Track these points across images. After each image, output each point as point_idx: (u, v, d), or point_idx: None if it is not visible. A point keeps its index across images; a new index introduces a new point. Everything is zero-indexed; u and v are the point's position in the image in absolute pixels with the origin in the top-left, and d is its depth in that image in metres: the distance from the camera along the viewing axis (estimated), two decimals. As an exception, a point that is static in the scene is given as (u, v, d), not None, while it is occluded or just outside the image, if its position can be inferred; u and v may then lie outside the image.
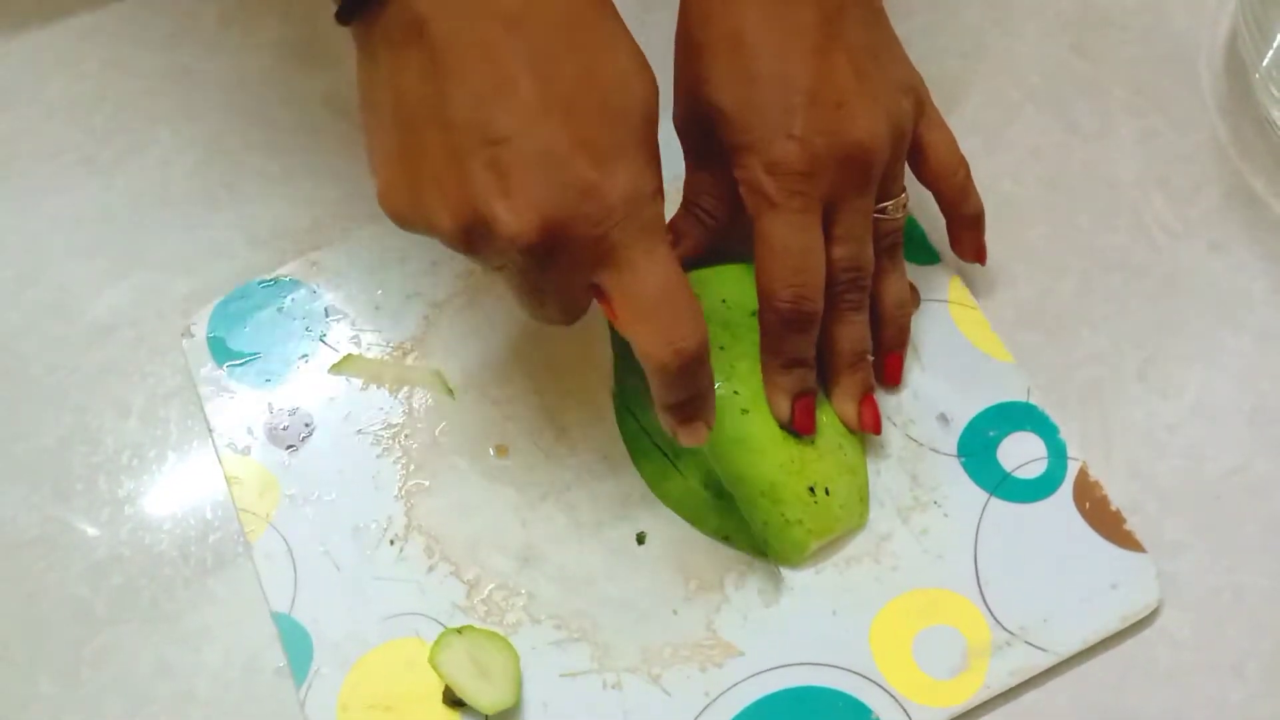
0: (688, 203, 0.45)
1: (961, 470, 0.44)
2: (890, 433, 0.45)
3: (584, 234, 0.34)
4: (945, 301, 0.47)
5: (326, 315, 0.47)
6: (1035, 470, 0.44)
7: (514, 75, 0.33)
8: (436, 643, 0.40)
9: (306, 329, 0.47)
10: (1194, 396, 0.46)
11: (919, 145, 0.44)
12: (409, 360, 0.46)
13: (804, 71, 0.41)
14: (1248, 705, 0.41)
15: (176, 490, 0.45)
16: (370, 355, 0.46)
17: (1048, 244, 0.49)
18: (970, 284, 0.48)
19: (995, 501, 0.43)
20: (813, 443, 0.43)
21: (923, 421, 0.45)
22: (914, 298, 0.47)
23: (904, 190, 0.44)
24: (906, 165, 0.45)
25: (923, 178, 0.46)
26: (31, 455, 0.46)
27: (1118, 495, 0.44)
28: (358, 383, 0.46)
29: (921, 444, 0.44)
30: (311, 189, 0.51)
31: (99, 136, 0.52)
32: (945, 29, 0.54)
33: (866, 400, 0.44)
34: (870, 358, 0.44)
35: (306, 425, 0.45)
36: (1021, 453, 0.44)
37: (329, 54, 0.54)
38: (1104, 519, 0.43)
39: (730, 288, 0.45)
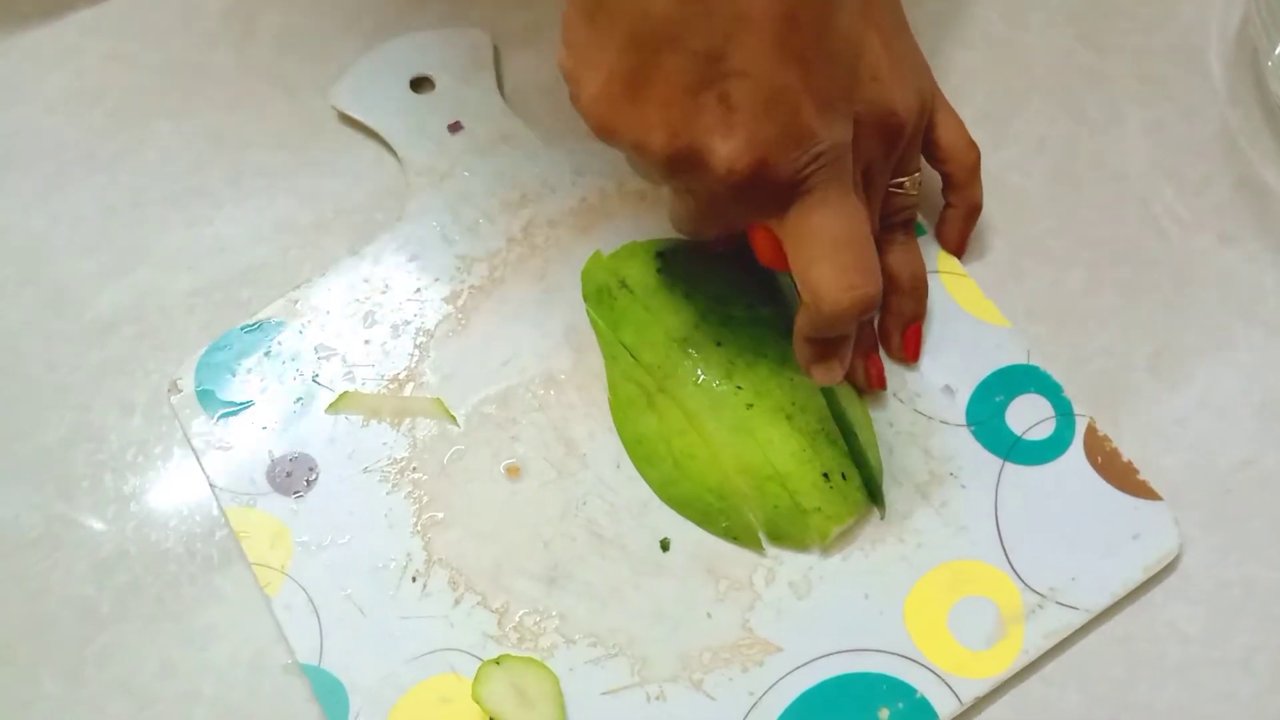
0: None
1: (973, 439, 0.44)
2: (898, 409, 0.45)
3: (789, 176, 0.35)
4: (936, 272, 0.47)
5: (316, 354, 0.46)
6: (1044, 431, 0.44)
7: (762, 12, 0.33)
8: (476, 677, 0.40)
9: (298, 371, 0.46)
10: (1204, 389, 0.46)
11: (930, 126, 0.46)
12: (407, 391, 0.45)
13: None
14: (1257, 700, 0.41)
15: (182, 487, 0.45)
16: (367, 390, 0.45)
17: (1055, 236, 0.49)
18: (978, 279, 0.48)
19: (1010, 466, 0.43)
20: (822, 430, 0.42)
21: (928, 395, 0.45)
22: None
23: (919, 170, 0.46)
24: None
25: (933, 158, 0.47)
26: (34, 453, 0.46)
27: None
28: (358, 420, 0.45)
29: (930, 417, 0.44)
30: (314, 184, 0.50)
31: (100, 132, 0.52)
32: (951, 19, 0.54)
33: (872, 358, 0.44)
34: (875, 315, 0.45)
35: (310, 469, 0.44)
36: (1029, 415, 0.44)
37: (331, 47, 0.53)
38: (1117, 471, 0.43)
39: (723, 284, 0.45)
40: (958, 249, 0.48)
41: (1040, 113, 0.52)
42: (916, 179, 0.45)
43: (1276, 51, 0.50)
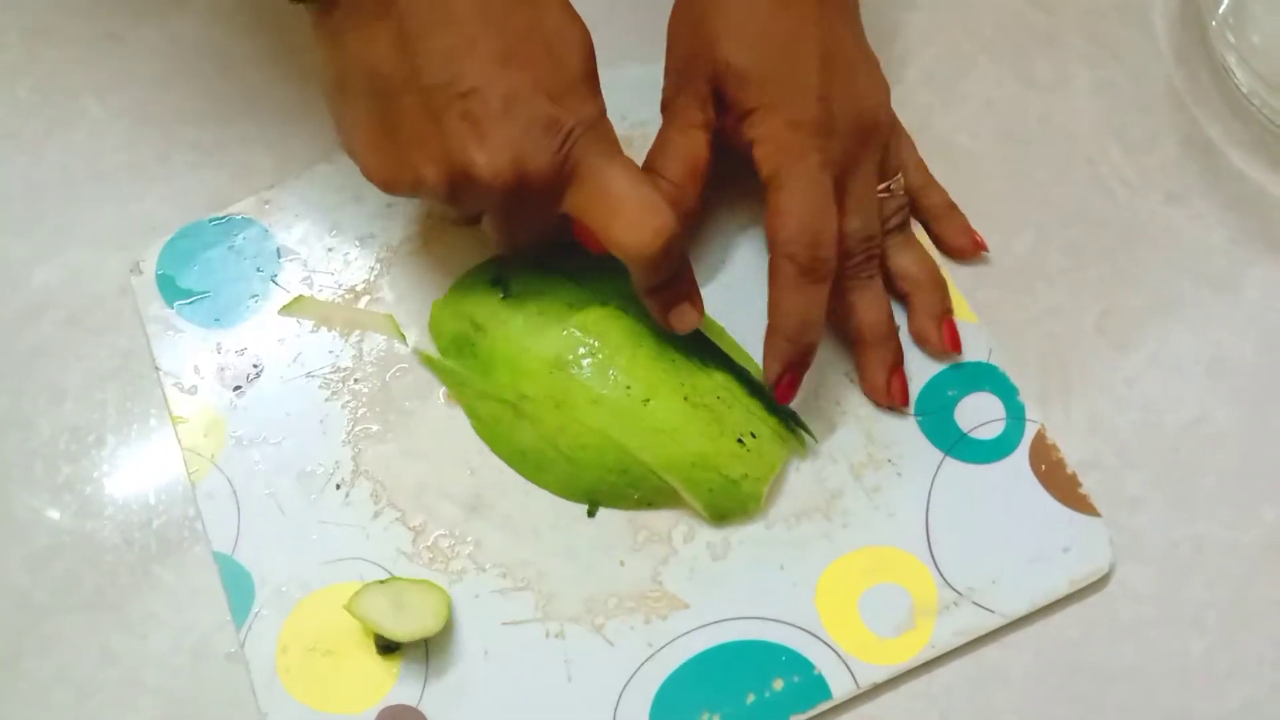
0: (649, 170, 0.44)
1: (918, 429, 0.44)
2: (847, 389, 0.44)
3: (550, 162, 0.38)
4: None
5: (279, 255, 0.46)
6: (993, 431, 0.43)
7: (474, 34, 0.37)
8: (356, 593, 0.39)
9: (258, 269, 0.46)
10: (1152, 349, 0.46)
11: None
12: (362, 304, 0.46)
13: (816, 39, 0.42)
14: (1208, 656, 0.41)
15: (117, 475, 0.44)
16: (322, 297, 0.46)
17: (1004, 198, 0.49)
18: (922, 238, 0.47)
19: (950, 461, 0.43)
20: (719, 398, 0.42)
21: None
22: None
23: (900, 170, 0.46)
24: None
25: None
26: (-36, 443, 0.44)
27: (1076, 450, 0.43)
28: (308, 325, 0.45)
29: (878, 402, 0.44)
30: (246, 159, 0.49)
31: (24, 109, 0.50)
32: (898, -20, 0.53)
33: (897, 372, 0.44)
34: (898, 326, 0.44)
35: (255, 366, 0.44)
36: (979, 413, 0.44)
37: (261, 19, 0.52)
38: (1059, 482, 0.42)
39: (568, 289, 0.44)
40: (975, 246, 0.46)
41: (988, 74, 0.51)
42: (900, 180, 0.45)
43: (1220, 10, 0.50)
